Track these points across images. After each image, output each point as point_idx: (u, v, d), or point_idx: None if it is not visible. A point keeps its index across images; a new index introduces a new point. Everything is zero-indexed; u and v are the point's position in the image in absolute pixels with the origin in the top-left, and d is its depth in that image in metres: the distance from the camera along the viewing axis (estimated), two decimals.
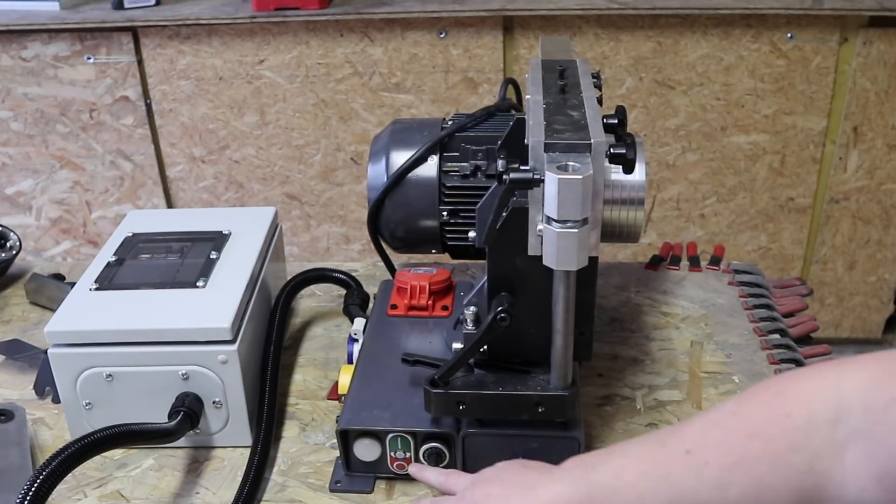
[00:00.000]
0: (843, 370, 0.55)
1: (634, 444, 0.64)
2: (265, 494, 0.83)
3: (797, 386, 0.57)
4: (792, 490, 0.55)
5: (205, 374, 0.85)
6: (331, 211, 2.19)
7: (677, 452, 0.59)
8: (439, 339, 0.92)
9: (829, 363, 0.57)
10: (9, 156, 2.15)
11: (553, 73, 0.88)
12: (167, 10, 2.00)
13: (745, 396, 0.59)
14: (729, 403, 0.60)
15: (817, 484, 0.54)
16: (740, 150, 2.08)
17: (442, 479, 0.76)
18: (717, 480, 0.57)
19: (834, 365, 0.56)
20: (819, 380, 0.56)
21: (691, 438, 0.60)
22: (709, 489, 0.57)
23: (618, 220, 0.84)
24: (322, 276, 1.10)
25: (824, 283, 2.22)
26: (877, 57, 1.95)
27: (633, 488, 0.61)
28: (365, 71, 2.03)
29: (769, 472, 0.55)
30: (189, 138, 2.13)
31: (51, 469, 0.70)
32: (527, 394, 0.78)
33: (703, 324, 1.06)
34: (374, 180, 0.99)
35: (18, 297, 1.18)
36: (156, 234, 1.02)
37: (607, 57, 1.99)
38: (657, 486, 0.60)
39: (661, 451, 0.61)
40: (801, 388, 0.56)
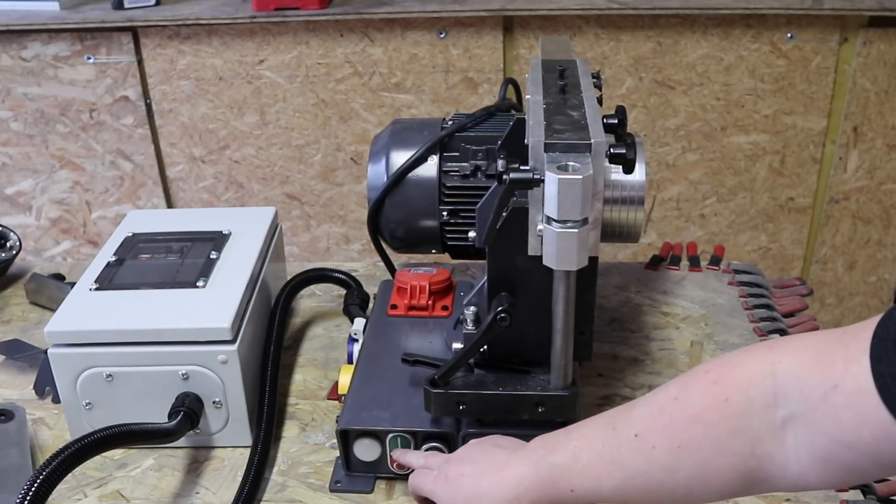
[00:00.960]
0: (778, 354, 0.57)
1: (589, 427, 0.66)
2: (265, 494, 0.83)
3: (733, 372, 0.58)
4: (736, 472, 0.57)
5: (205, 374, 0.85)
6: (331, 211, 2.19)
7: (627, 436, 0.62)
8: (439, 339, 0.92)
9: (763, 346, 0.59)
10: (9, 156, 2.15)
11: (553, 73, 0.88)
12: (167, 10, 2.00)
13: (686, 381, 0.61)
14: (672, 387, 0.62)
15: (760, 466, 0.57)
16: (740, 150, 2.07)
17: (422, 460, 0.79)
18: (664, 464, 0.59)
19: (768, 348, 0.58)
20: (755, 365, 0.57)
21: (639, 422, 0.62)
22: (657, 472, 0.60)
23: (618, 220, 0.84)
24: (322, 276, 1.10)
25: (824, 283, 2.22)
26: (877, 57, 1.95)
27: (589, 470, 0.63)
28: (365, 71, 2.03)
29: (713, 456, 0.58)
30: (189, 138, 2.12)
31: (51, 469, 0.70)
32: (527, 394, 0.78)
33: (703, 324, 1.06)
34: (374, 180, 0.99)
35: (18, 297, 1.18)
36: (156, 234, 1.02)
37: (607, 57, 1.99)
38: (610, 468, 0.62)
39: (613, 435, 0.63)
40: (738, 374, 0.58)
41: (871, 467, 0.53)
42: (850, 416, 0.51)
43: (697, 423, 0.58)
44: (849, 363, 0.51)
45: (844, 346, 0.53)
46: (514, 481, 0.67)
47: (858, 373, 0.51)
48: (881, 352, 0.50)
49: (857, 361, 0.51)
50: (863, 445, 0.51)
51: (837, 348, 0.53)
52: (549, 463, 0.66)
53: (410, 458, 0.80)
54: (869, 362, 0.50)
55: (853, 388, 0.51)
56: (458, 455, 0.75)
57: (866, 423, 0.50)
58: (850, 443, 0.52)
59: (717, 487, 0.59)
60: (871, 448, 0.51)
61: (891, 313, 0.51)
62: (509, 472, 0.68)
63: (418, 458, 0.79)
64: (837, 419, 0.52)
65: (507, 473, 0.68)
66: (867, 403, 0.50)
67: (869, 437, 0.51)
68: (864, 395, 0.50)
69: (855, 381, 0.51)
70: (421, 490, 0.76)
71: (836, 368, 0.52)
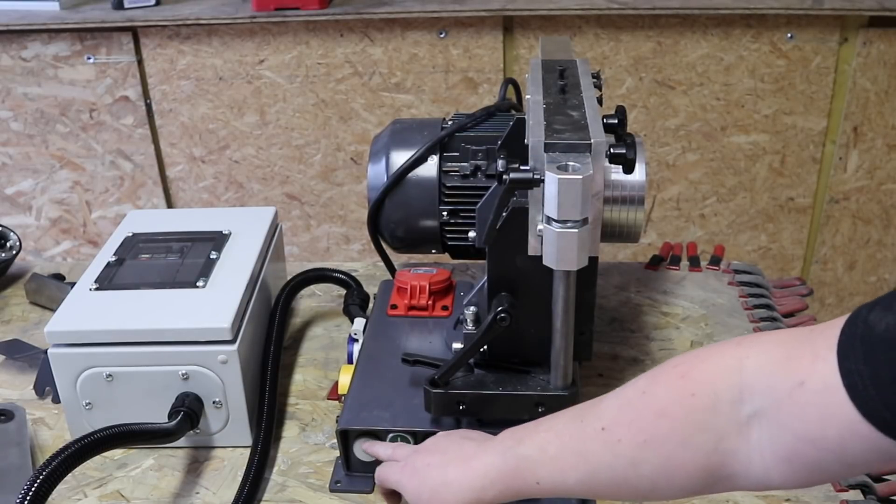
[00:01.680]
0: (745, 350, 0.57)
1: (558, 419, 0.66)
2: (265, 494, 0.83)
3: (701, 367, 0.58)
4: (700, 468, 0.57)
5: (205, 374, 0.85)
6: (331, 211, 2.19)
7: (594, 429, 0.62)
8: (439, 339, 0.92)
9: (732, 342, 0.59)
10: (9, 156, 2.15)
11: (553, 73, 0.88)
12: (167, 10, 2.00)
13: (654, 375, 0.61)
14: (640, 381, 0.62)
15: (724, 462, 0.56)
16: (740, 150, 2.07)
17: (389, 451, 0.78)
18: (630, 457, 0.59)
19: (736, 344, 0.58)
20: (722, 360, 0.57)
21: (607, 416, 0.62)
22: (623, 465, 0.60)
23: (618, 220, 0.84)
24: (322, 276, 1.10)
25: (824, 283, 2.22)
26: (877, 57, 1.95)
27: (555, 462, 0.63)
28: (365, 71, 2.03)
29: (677, 451, 0.57)
30: (189, 138, 2.12)
31: (51, 469, 0.70)
32: (527, 394, 0.78)
33: (703, 324, 1.06)
34: (374, 180, 0.99)
35: (18, 297, 1.18)
36: (156, 234, 1.02)
37: (607, 57, 1.99)
38: (576, 460, 0.62)
39: (580, 428, 0.63)
40: (705, 369, 0.58)
41: (836, 465, 0.52)
42: (815, 413, 0.51)
43: (663, 417, 0.58)
44: (815, 360, 0.51)
45: (811, 344, 0.53)
46: (480, 472, 0.67)
47: (825, 370, 0.50)
48: (849, 350, 0.50)
49: (824, 359, 0.51)
50: (828, 443, 0.51)
51: (804, 345, 0.53)
52: (517, 454, 0.66)
53: (378, 448, 0.80)
54: (836, 360, 0.50)
55: (819, 386, 0.51)
56: (425, 446, 0.75)
57: (832, 420, 0.50)
58: (815, 440, 0.52)
59: (680, 483, 0.59)
60: (836, 445, 0.51)
61: (858, 312, 0.51)
62: (476, 463, 0.68)
63: (386, 448, 0.79)
64: (803, 416, 0.52)
65: (475, 464, 0.68)
66: (833, 400, 0.50)
67: (834, 434, 0.50)
68: (830, 392, 0.50)
69: (821, 379, 0.51)
70: (387, 481, 0.75)
71: (803, 365, 0.52)
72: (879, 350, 0.48)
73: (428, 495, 0.70)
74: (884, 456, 0.50)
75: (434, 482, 0.70)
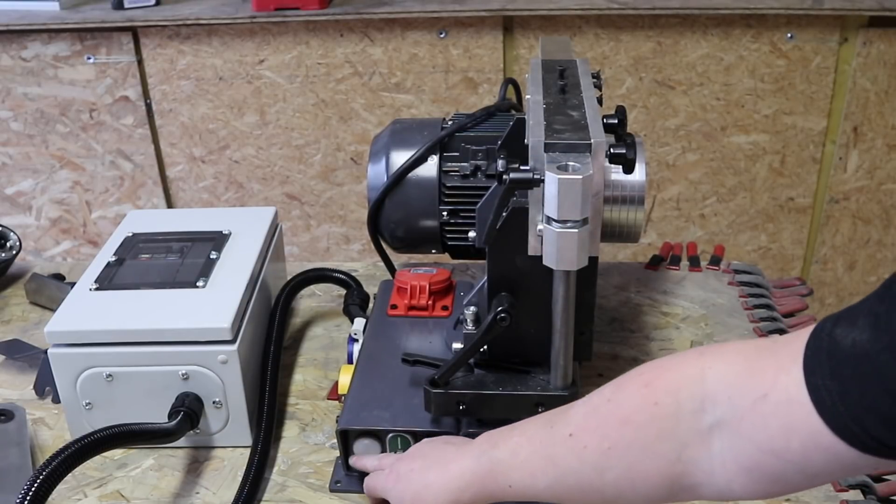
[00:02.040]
0: (708, 360, 0.57)
1: (531, 424, 0.67)
2: (265, 494, 0.83)
3: (665, 376, 0.59)
4: (663, 476, 0.58)
5: (205, 374, 0.85)
6: (331, 211, 2.19)
7: (562, 435, 0.62)
8: (439, 339, 0.92)
9: (694, 351, 0.59)
10: (9, 156, 2.15)
11: (553, 73, 0.88)
12: (167, 10, 2.00)
13: (621, 382, 0.62)
14: (606, 389, 0.62)
15: (686, 471, 0.57)
16: (740, 150, 2.07)
17: (375, 462, 0.80)
18: (595, 464, 0.60)
19: (699, 354, 0.58)
20: (686, 370, 0.58)
21: (574, 422, 0.63)
22: (588, 471, 0.60)
23: (618, 220, 0.84)
24: (322, 276, 1.10)
25: (824, 283, 2.22)
26: (877, 57, 1.95)
27: (526, 466, 0.64)
28: (365, 71, 2.03)
29: (640, 459, 0.58)
30: (189, 138, 2.12)
31: (51, 469, 0.70)
32: (527, 394, 0.78)
33: (703, 324, 1.06)
34: (374, 180, 0.99)
35: (18, 297, 1.18)
36: (156, 234, 1.02)
37: (607, 57, 1.99)
38: (545, 465, 0.63)
39: (549, 433, 0.64)
40: (669, 378, 0.58)
41: (798, 476, 0.53)
42: (778, 425, 0.51)
43: (627, 424, 0.59)
44: (779, 373, 0.52)
45: (775, 356, 0.53)
46: (457, 474, 0.68)
47: (788, 382, 0.51)
48: (815, 365, 0.50)
49: (787, 371, 0.51)
50: (791, 454, 0.51)
51: (768, 358, 0.53)
52: (491, 457, 0.67)
53: (366, 461, 0.81)
54: (801, 373, 0.50)
55: (783, 398, 0.51)
56: (409, 453, 0.77)
57: (795, 432, 0.51)
58: (778, 451, 0.52)
59: (644, 491, 0.59)
60: (799, 457, 0.51)
61: (822, 325, 0.51)
62: (454, 466, 0.69)
63: (372, 460, 0.81)
64: (765, 427, 0.52)
65: (452, 467, 0.69)
66: (797, 413, 0.50)
67: (798, 445, 0.51)
68: (794, 404, 0.50)
69: (785, 391, 0.51)
70: (374, 490, 0.77)
71: (766, 377, 0.53)
72: (847, 366, 0.49)
73: (410, 499, 0.71)
74: (846, 467, 0.51)
75: (416, 486, 0.71)
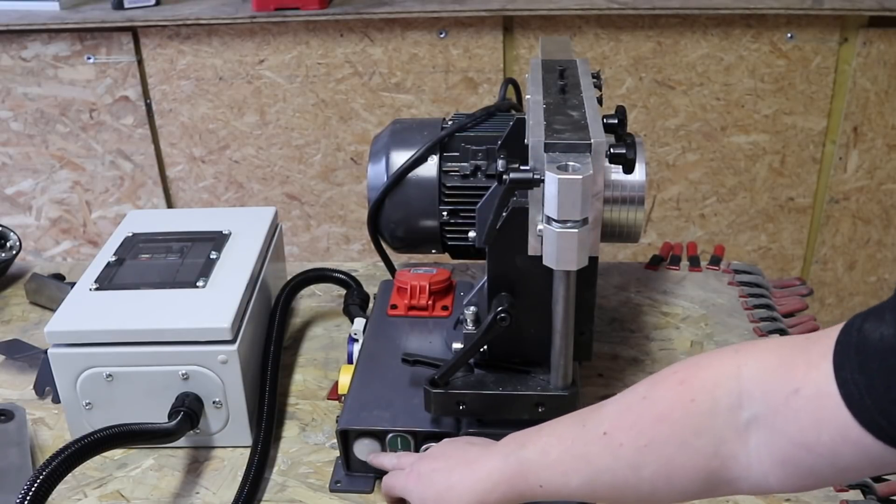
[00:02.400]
0: (743, 357, 0.58)
1: (560, 424, 0.67)
2: (265, 494, 0.83)
3: (700, 373, 0.60)
4: (699, 471, 0.58)
5: (205, 374, 0.85)
6: (331, 211, 2.19)
7: (595, 433, 0.63)
8: (439, 339, 0.92)
9: (730, 349, 0.60)
10: (9, 156, 2.15)
11: (553, 73, 0.88)
12: (167, 10, 2.00)
13: (655, 380, 0.63)
14: (641, 387, 0.63)
15: (723, 466, 0.58)
16: (740, 150, 2.07)
17: (395, 460, 0.80)
18: (630, 461, 0.60)
19: (734, 351, 0.59)
20: (721, 367, 0.59)
21: (608, 420, 0.63)
22: (623, 469, 0.61)
23: (618, 220, 0.84)
24: (322, 276, 1.10)
25: (824, 283, 2.22)
26: (877, 57, 1.95)
27: (558, 466, 0.64)
28: (365, 71, 2.03)
29: (677, 455, 0.59)
30: (189, 138, 2.12)
31: (51, 469, 0.70)
32: (527, 394, 0.78)
33: (703, 324, 1.06)
34: (374, 180, 0.99)
35: (18, 297, 1.18)
36: (156, 234, 1.02)
37: (607, 57, 1.99)
38: (578, 464, 0.64)
39: (582, 432, 0.64)
40: (705, 375, 0.59)
41: (829, 470, 0.54)
42: (809, 419, 0.53)
43: (663, 421, 0.59)
44: (809, 368, 0.53)
45: (806, 352, 0.54)
46: (484, 474, 0.68)
47: (818, 377, 0.52)
48: (844, 359, 0.51)
49: (818, 367, 0.52)
50: (821, 447, 0.53)
51: (799, 353, 0.55)
52: (520, 457, 0.67)
53: (383, 459, 0.81)
54: (831, 368, 0.52)
55: (813, 392, 0.53)
56: (430, 452, 0.76)
57: (825, 426, 0.52)
58: (809, 445, 0.53)
59: (680, 486, 0.60)
60: (828, 451, 0.52)
61: (853, 321, 0.52)
62: (480, 466, 0.69)
63: (391, 458, 0.80)
64: (797, 421, 0.54)
65: (478, 467, 0.69)
66: (827, 406, 0.51)
67: (827, 439, 0.52)
68: (823, 398, 0.52)
69: (815, 385, 0.52)
70: (393, 489, 0.77)
71: (798, 372, 0.54)
72: (874, 360, 0.50)
73: (433, 500, 0.71)
74: (875, 462, 0.52)
75: (439, 486, 0.71)
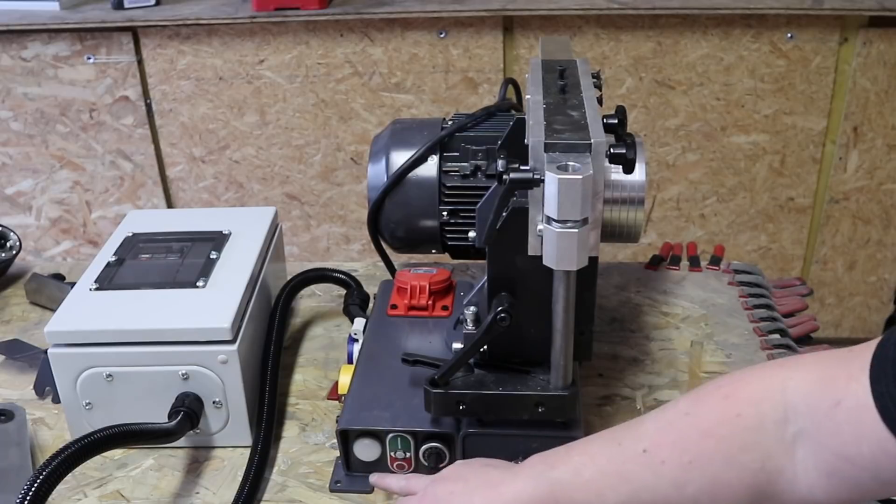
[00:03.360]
0: (788, 371, 0.58)
1: (592, 443, 0.66)
2: (265, 494, 0.83)
3: (746, 388, 0.59)
4: (746, 486, 0.58)
5: (205, 374, 0.85)
6: (331, 211, 2.19)
7: (634, 451, 0.62)
8: (439, 339, 0.92)
9: (774, 364, 0.60)
10: (9, 156, 2.15)
11: (553, 73, 0.88)
12: (167, 10, 2.00)
13: (696, 397, 0.62)
14: (681, 403, 0.62)
15: (770, 480, 0.58)
16: (740, 150, 2.07)
17: (402, 482, 0.77)
18: (673, 478, 0.60)
19: (779, 366, 0.60)
20: (766, 381, 0.59)
21: (647, 438, 0.62)
22: (666, 486, 0.60)
23: (618, 220, 0.84)
24: (322, 276, 1.10)
25: (824, 283, 2.22)
26: (877, 57, 1.95)
27: (592, 485, 0.63)
28: (365, 71, 2.03)
29: (723, 471, 0.58)
30: (189, 138, 2.13)
31: (51, 469, 0.70)
32: (527, 394, 0.78)
33: (703, 324, 1.06)
34: (374, 180, 0.99)
35: (18, 297, 1.18)
36: (156, 234, 1.02)
37: (607, 57, 1.99)
38: (615, 482, 0.62)
39: (618, 450, 0.63)
40: (750, 389, 0.59)
41: (873, 483, 0.54)
42: (850, 431, 0.53)
43: (709, 437, 0.59)
44: (850, 381, 0.54)
45: (847, 364, 0.55)
46: (510, 497, 0.66)
47: (858, 390, 0.53)
48: (880, 372, 0.52)
49: (857, 379, 0.53)
50: (862, 460, 0.53)
51: (841, 366, 0.55)
52: (550, 478, 0.65)
53: (390, 481, 0.79)
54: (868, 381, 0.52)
55: (853, 404, 0.53)
56: (444, 475, 0.73)
57: (865, 439, 0.52)
58: (851, 457, 0.54)
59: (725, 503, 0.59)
60: (870, 463, 0.53)
61: (890, 335, 0.53)
62: (505, 489, 0.66)
63: (399, 480, 0.78)
64: (839, 434, 0.54)
65: (503, 490, 0.66)
66: (866, 419, 0.52)
67: (868, 452, 0.53)
68: (863, 411, 0.52)
69: (855, 398, 0.53)
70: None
71: (839, 385, 0.54)
72: None
73: None
74: None
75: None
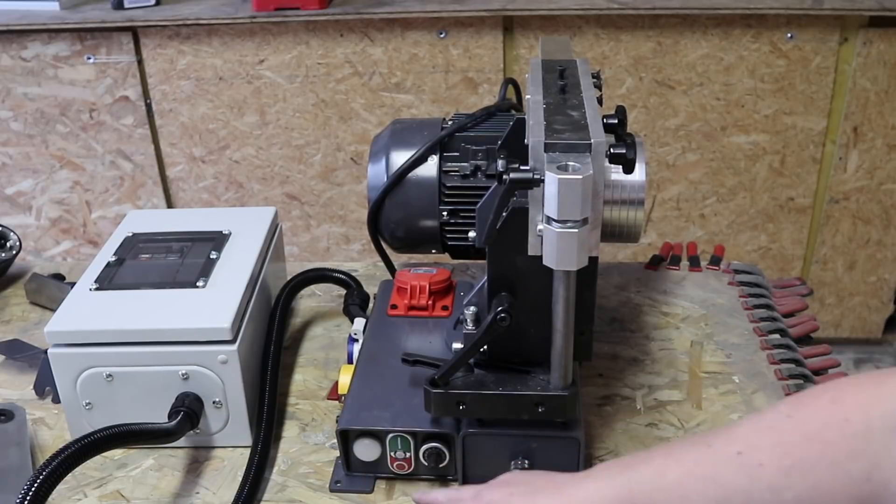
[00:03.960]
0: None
1: (676, 446, 0.64)
2: (265, 494, 0.83)
3: (854, 392, 0.56)
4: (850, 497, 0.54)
5: (205, 374, 0.85)
6: (331, 211, 2.19)
7: (726, 454, 0.59)
8: (439, 339, 0.92)
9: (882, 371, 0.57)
10: (9, 156, 2.15)
11: (553, 73, 0.88)
12: (167, 10, 2.00)
13: (799, 400, 0.59)
14: (781, 406, 0.59)
15: (874, 492, 0.54)
16: (740, 150, 2.08)
17: (452, 493, 0.76)
18: (771, 483, 0.56)
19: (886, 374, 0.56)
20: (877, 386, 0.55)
21: (742, 440, 0.59)
22: (762, 491, 0.57)
23: (618, 220, 0.84)
24: (322, 276, 1.10)
25: (824, 283, 2.22)
26: (877, 57, 1.95)
27: (677, 487, 0.60)
28: (365, 71, 2.03)
29: (827, 478, 0.55)
30: (189, 138, 2.13)
31: (51, 469, 0.70)
32: (527, 394, 0.78)
33: (703, 324, 1.06)
34: (374, 180, 0.99)
35: (18, 297, 1.18)
36: (156, 234, 1.02)
37: (607, 57, 1.99)
38: (703, 486, 0.59)
39: (708, 452, 0.60)
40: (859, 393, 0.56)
41: None
42: None
43: (813, 441, 0.55)
44: None
45: None
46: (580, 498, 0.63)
47: None
48: None
49: None
50: None
51: None
52: (629, 478, 0.62)
53: (437, 495, 0.77)
54: None
55: None
56: (497, 482, 0.72)
57: None
58: None
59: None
60: None
61: None
62: (575, 491, 0.64)
63: (445, 493, 0.76)
64: None
65: (572, 492, 0.64)
66: None
67: None
68: None
69: None
70: None
71: None
72: None
73: None
74: None
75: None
